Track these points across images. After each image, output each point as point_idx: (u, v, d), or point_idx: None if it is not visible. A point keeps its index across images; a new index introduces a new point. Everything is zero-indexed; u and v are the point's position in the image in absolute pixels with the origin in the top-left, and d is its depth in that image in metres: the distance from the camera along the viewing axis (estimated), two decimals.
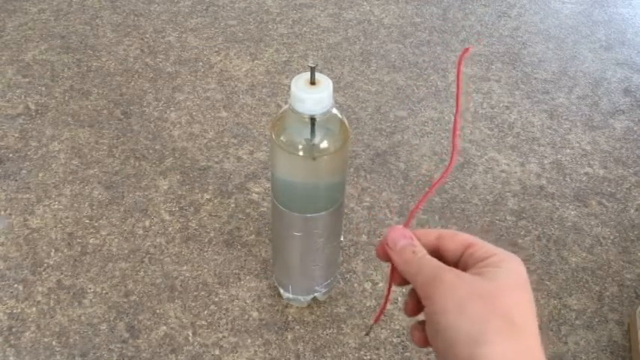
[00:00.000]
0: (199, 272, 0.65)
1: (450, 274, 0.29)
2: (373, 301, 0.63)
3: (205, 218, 0.70)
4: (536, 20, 1.11)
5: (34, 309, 0.61)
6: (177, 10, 1.08)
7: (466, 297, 0.28)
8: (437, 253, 0.33)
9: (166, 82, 0.91)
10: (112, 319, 0.60)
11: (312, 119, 0.47)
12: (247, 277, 0.64)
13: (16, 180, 0.74)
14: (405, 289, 0.62)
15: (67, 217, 0.70)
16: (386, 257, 0.34)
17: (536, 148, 0.83)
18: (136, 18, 1.05)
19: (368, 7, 1.12)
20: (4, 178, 0.75)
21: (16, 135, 0.81)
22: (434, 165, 0.79)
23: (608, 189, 0.77)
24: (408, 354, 0.58)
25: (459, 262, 0.32)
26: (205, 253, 0.67)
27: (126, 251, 0.67)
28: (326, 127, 0.48)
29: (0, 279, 0.63)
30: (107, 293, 0.62)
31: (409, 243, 0.33)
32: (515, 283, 0.29)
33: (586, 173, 0.79)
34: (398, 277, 0.34)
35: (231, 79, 0.93)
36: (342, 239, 0.68)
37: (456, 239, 0.32)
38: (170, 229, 0.69)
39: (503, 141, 0.83)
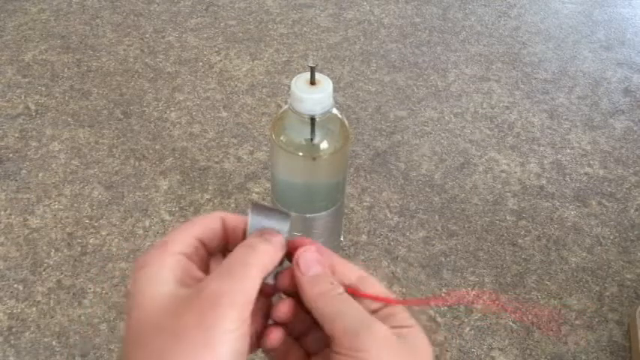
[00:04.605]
0: None
1: (383, 327, 0.26)
2: None
3: None
4: (536, 20, 1.11)
5: (34, 309, 0.61)
6: (177, 10, 1.08)
7: (400, 357, 0.26)
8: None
9: (166, 82, 0.91)
10: (112, 319, 0.60)
11: (312, 119, 0.47)
12: None
13: (16, 180, 0.74)
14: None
15: (67, 217, 0.70)
16: (288, 282, 0.28)
17: (536, 148, 0.83)
18: (136, 18, 1.05)
19: (368, 7, 1.12)
20: (4, 178, 0.75)
21: (16, 135, 0.81)
22: (434, 165, 0.79)
23: (608, 189, 0.77)
24: None
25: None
26: None
27: (126, 251, 0.66)
28: (326, 127, 0.48)
29: (0, 279, 0.63)
30: (107, 293, 0.62)
31: (325, 273, 0.28)
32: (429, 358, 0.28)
33: (586, 173, 0.79)
34: (290, 310, 0.28)
35: (231, 79, 0.93)
36: (342, 239, 0.68)
37: (377, 289, 0.28)
38: (170, 229, 0.69)
39: (503, 141, 0.83)
